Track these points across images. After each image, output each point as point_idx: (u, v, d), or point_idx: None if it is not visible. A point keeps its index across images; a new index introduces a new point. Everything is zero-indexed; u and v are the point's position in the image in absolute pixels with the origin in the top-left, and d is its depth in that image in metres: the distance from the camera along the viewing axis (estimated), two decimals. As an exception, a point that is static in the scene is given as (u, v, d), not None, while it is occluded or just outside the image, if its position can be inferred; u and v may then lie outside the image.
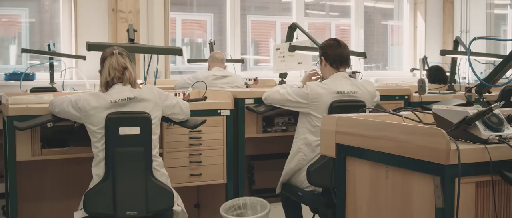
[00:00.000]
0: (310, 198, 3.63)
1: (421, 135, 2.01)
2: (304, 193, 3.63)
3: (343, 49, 3.71)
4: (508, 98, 4.53)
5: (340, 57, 3.69)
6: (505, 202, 2.09)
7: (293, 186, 3.73)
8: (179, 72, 7.36)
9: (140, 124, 3.16)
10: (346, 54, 3.72)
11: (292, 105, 3.74)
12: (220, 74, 5.28)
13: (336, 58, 3.69)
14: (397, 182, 2.15)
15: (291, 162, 3.72)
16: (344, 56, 3.70)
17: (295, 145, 3.72)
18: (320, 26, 8.84)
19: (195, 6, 7.99)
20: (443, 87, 5.76)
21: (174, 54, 4.39)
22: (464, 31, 8.50)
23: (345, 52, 3.71)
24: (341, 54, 3.70)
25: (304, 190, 3.63)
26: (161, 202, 3.21)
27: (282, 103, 3.82)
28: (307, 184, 3.54)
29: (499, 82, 3.64)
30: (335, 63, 3.70)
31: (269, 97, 3.94)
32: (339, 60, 3.70)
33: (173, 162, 3.82)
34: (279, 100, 3.84)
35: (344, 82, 3.66)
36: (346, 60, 3.73)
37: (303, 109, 3.66)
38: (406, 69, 8.56)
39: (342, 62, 3.71)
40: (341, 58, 3.70)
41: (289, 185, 3.77)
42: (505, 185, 2.05)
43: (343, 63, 3.72)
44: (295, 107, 3.72)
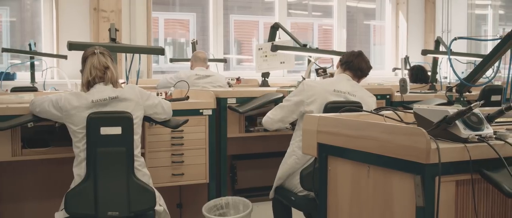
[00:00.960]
0: (303, 203, 3.50)
1: (401, 134, 2.02)
2: (297, 197, 3.52)
3: (357, 59, 3.73)
4: (489, 97, 4.58)
5: (351, 62, 3.71)
6: (485, 201, 2.10)
7: (286, 190, 3.61)
8: (162, 72, 7.33)
9: (122, 124, 3.15)
10: (358, 63, 3.72)
11: (291, 110, 3.57)
12: (203, 74, 5.27)
13: (345, 62, 3.73)
14: (378, 181, 2.16)
15: (284, 164, 3.61)
16: (353, 64, 3.71)
17: (290, 147, 3.60)
18: (302, 26, 8.85)
19: (177, 6, 7.97)
20: (424, 86, 5.81)
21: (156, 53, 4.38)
22: (445, 31, 8.56)
23: (358, 62, 3.72)
24: (353, 61, 3.71)
25: (297, 194, 3.52)
26: (143, 202, 3.20)
27: (286, 115, 3.62)
28: (300, 188, 3.44)
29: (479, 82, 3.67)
30: (343, 66, 3.73)
31: (269, 121, 3.69)
32: (348, 64, 3.71)
33: (155, 162, 3.81)
34: (279, 114, 3.64)
35: (344, 83, 3.60)
36: (355, 69, 3.71)
37: (301, 108, 3.52)
38: (388, 69, 8.61)
39: (350, 68, 3.70)
40: (350, 64, 3.71)
41: (282, 189, 3.65)
42: (485, 184, 2.07)
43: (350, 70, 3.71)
44: (296, 109, 3.56)
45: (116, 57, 4.00)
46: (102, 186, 3.11)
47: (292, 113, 3.58)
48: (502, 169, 1.99)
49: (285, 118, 3.62)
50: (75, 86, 4.84)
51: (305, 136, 2.55)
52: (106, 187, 3.12)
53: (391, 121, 2.51)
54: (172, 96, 4.04)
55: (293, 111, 3.57)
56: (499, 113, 2.22)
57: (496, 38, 3.29)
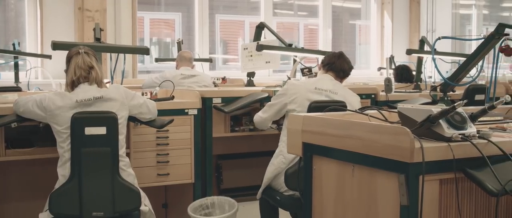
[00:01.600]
0: (289, 203, 3.52)
1: (386, 134, 2.03)
2: (283, 197, 3.53)
3: (339, 60, 3.75)
4: (472, 97, 4.61)
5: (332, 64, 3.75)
6: (468, 199, 2.12)
7: (272, 190, 3.62)
8: (147, 72, 7.31)
9: (107, 124, 3.14)
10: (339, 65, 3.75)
11: (276, 108, 3.66)
12: (188, 74, 5.26)
13: (326, 63, 3.77)
14: (363, 180, 2.17)
15: (271, 165, 3.62)
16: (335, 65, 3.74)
17: (278, 148, 3.63)
18: (288, 26, 8.86)
19: (163, 5, 7.95)
20: (409, 86, 5.84)
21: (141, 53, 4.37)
22: (430, 31, 8.60)
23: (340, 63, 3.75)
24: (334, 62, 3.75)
25: (283, 194, 3.53)
26: (128, 202, 3.19)
27: (274, 114, 3.72)
28: (286, 188, 3.45)
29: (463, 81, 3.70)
30: (325, 67, 3.76)
31: (260, 118, 3.80)
32: (330, 66, 3.75)
33: (140, 162, 3.79)
34: (265, 111, 3.75)
35: (326, 81, 3.65)
36: (337, 70, 3.75)
37: (287, 106, 3.58)
38: (373, 69, 8.63)
39: (331, 69, 3.74)
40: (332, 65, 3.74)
41: (268, 189, 3.66)
42: (468, 182, 2.08)
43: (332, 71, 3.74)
44: (281, 109, 3.63)
45: (101, 57, 3.98)
46: (86, 187, 3.10)
47: (280, 113, 3.66)
48: (485, 167, 2.01)
49: (274, 117, 3.73)
50: (60, 86, 4.81)
51: (290, 136, 2.55)
52: (91, 187, 3.11)
53: (376, 120, 2.52)
54: (157, 96, 4.03)
55: (280, 110, 3.64)
56: (482, 112, 2.24)
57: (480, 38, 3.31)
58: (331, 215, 2.35)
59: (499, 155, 2.07)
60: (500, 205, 2.20)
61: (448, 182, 2.06)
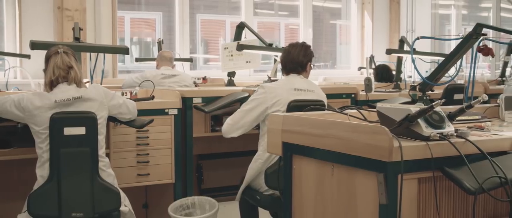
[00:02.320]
0: (269, 202, 3.50)
1: (364, 133, 2.03)
2: (263, 196, 3.51)
3: (292, 55, 3.62)
4: (451, 96, 4.65)
5: (286, 64, 3.65)
6: (446, 197, 2.14)
7: (252, 190, 3.60)
8: (128, 72, 7.27)
9: (86, 124, 3.12)
10: (294, 60, 3.62)
11: (256, 114, 3.50)
12: (169, 73, 5.25)
13: (283, 64, 3.66)
14: (342, 179, 2.18)
15: (251, 169, 3.56)
16: (290, 63, 3.63)
17: (259, 151, 3.56)
18: (269, 25, 8.87)
19: (143, 5, 7.92)
20: (389, 85, 5.87)
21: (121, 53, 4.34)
22: (409, 30, 8.66)
23: (292, 58, 3.62)
24: (287, 61, 3.64)
25: (262, 193, 3.51)
26: (107, 203, 3.17)
27: (245, 120, 3.52)
28: (265, 188, 3.43)
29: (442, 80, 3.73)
30: (284, 69, 3.67)
31: (230, 127, 3.55)
32: (287, 67, 3.65)
33: (120, 162, 3.78)
34: (236, 119, 3.54)
35: (299, 81, 3.60)
36: (295, 67, 3.63)
37: (264, 112, 3.48)
38: (354, 68, 8.67)
39: (290, 69, 3.64)
40: (289, 64, 3.64)
41: (247, 188, 3.63)
42: (446, 181, 2.10)
43: (292, 71, 3.64)
44: (260, 115, 3.50)
45: (80, 56, 3.96)
46: (65, 187, 3.08)
47: (250, 116, 3.51)
48: (463, 166, 2.02)
49: (246, 123, 3.53)
50: (39, 86, 4.77)
51: (270, 135, 2.56)
52: (70, 188, 3.09)
53: (355, 119, 2.53)
54: (137, 96, 4.02)
55: (252, 114, 3.51)
56: (460, 111, 2.26)
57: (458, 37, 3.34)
58: (311, 214, 2.36)
59: (477, 153, 2.09)
60: (478, 203, 2.22)
61: (427, 180, 2.07)
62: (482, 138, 2.25)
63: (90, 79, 4.06)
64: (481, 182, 1.97)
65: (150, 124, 3.60)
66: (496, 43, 3.87)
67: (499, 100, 3.02)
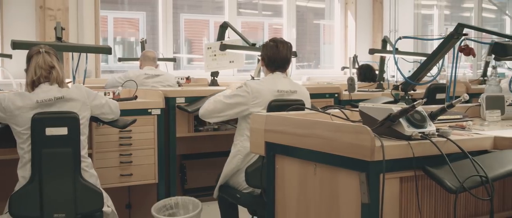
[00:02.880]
0: (249, 200, 3.52)
1: (347, 132, 2.04)
2: (242, 194, 3.53)
3: (279, 52, 3.59)
4: (434, 95, 4.68)
5: (274, 61, 3.61)
6: (428, 196, 2.15)
7: (231, 188, 3.61)
8: (111, 71, 7.24)
9: (68, 124, 3.10)
10: (281, 58, 3.60)
11: (234, 111, 3.55)
12: (152, 73, 5.23)
13: (272, 61, 3.62)
14: (325, 178, 2.19)
15: (230, 163, 3.59)
16: (278, 61, 3.61)
17: (235, 147, 3.59)
18: (253, 25, 8.87)
19: (126, 4, 7.88)
20: (372, 85, 5.90)
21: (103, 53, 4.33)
22: (392, 30, 8.70)
23: (280, 56, 3.60)
24: (275, 59, 3.61)
25: (242, 191, 3.53)
26: (90, 204, 3.15)
27: (222, 114, 3.58)
28: (245, 186, 3.45)
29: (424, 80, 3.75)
30: (269, 67, 3.64)
31: (206, 111, 3.65)
32: (274, 64, 3.62)
33: (103, 163, 3.76)
34: (218, 110, 3.59)
35: (283, 81, 3.60)
36: (283, 64, 3.63)
37: (245, 111, 3.51)
38: (337, 68, 8.70)
39: (276, 66, 3.62)
40: (275, 63, 3.62)
41: (227, 187, 3.65)
42: (428, 180, 2.11)
43: (278, 68, 3.63)
44: (237, 113, 3.55)
45: (62, 56, 3.94)
46: (47, 188, 3.06)
47: (230, 111, 3.56)
48: (444, 165, 2.04)
49: (225, 116, 3.59)
50: (20, 86, 4.73)
51: (252, 135, 2.56)
52: (52, 188, 3.06)
53: (338, 119, 2.54)
54: (120, 96, 4.00)
55: (232, 110, 3.55)
56: (441, 111, 2.28)
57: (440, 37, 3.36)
58: (294, 214, 2.37)
59: (458, 153, 2.10)
60: (459, 202, 2.24)
61: (408, 179, 2.08)
62: (463, 137, 2.27)
63: (72, 79, 4.04)
64: (462, 181, 1.98)
65: (133, 124, 3.59)
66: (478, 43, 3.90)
67: (480, 100, 3.05)
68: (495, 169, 2.07)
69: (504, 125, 2.83)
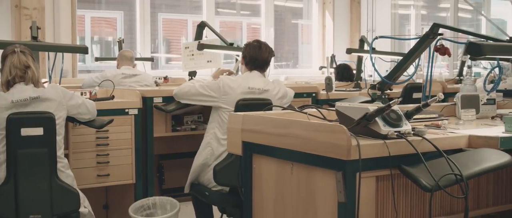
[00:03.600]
0: (217, 198, 3.62)
1: (323, 132, 2.05)
2: (211, 192, 3.62)
3: (261, 53, 3.71)
4: (410, 95, 4.71)
5: (255, 60, 3.71)
6: (404, 195, 2.17)
7: (201, 186, 3.71)
8: (88, 71, 7.19)
9: (44, 124, 3.07)
10: (262, 59, 3.72)
11: (203, 99, 3.72)
12: (129, 73, 5.20)
13: (251, 60, 3.71)
14: (302, 178, 2.19)
15: (199, 157, 3.71)
16: (259, 61, 3.71)
17: (205, 140, 3.71)
18: (231, 25, 8.87)
19: (103, 4, 7.83)
20: (349, 85, 5.92)
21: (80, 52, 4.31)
22: (370, 30, 8.75)
23: (263, 56, 3.71)
24: (256, 58, 3.70)
25: (211, 189, 3.62)
26: (66, 204, 3.13)
27: (193, 97, 3.79)
28: (214, 184, 3.53)
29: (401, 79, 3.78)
30: (249, 65, 3.73)
31: (180, 91, 3.89)
32: (256, 63, 3.71)
33: (79, 163, 3.73)
34: (189, 93, 3.80)
35: (257, 79, 3.68)
36: (262, 65, 3.74)
37: (214, 103, 3.66)
38: (315, 68, 8.72)
39: (256, 66, 3.72)
40: (256, 62, 3.71)
41: (197, 185, 3.75)
42: (404, 178, 2.13)
43: (258, 68, 3.72)
44: (206, 101, 3.71)
45: (38, 56, 3.90)
46: (23, 189, 3.03)
47: (200, 98, 3.73)
48: (420, 164, 2.06)
49: (194, 97, 3.78)
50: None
51: (230, 134, 2.56)
52: (28, 189, 3.03)
53: (315, 118, 2.55)
54: (97, 96, 3.97)
55: (202, 98, 3.72)
56: (417, 110, 2.30)
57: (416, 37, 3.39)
58: (271, 213, 2.37)
59: (433, 151, 2.13)
60: (434, 200, 2.26)
61: (384, 178, 2.10)
62: (438, 136, 2.30)
63: (49, 79, 4.00)
64: (437, 179, 2.00)
65: (110, 124, 3.57)
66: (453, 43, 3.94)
67: (455, 99, 3.09)
68: (469, 168, 2.09)
69: (478, 124, 2.86)
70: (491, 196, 2.47)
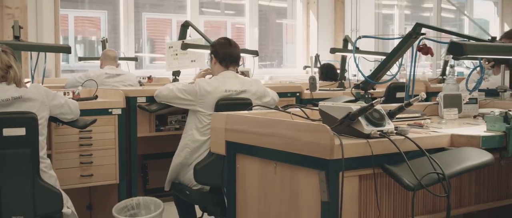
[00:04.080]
0: (198, 197, 3.65)
1: (306, 131, 2.06)
2: (192, 191, 3.65)
3: (233, 48, 3.76)
4: (394, 94, 4.74)
5: (229, 56, 3.75)
6: (387, 194, 2.18)
7: (182, 185, 3.74)
8: (71, 71, 7.15)
9: (26, 125, 3.04)
10: (236, 54, 3.78)
11: (181, 102, 3.75)
12: (113, 73, 5.18)
13: (225, 57, 3.75)
14: (285, 177, 2.20)
15: (177, 157, 3.74)
16: (233, 56, 3.76)
17: (183, 141, 3.73)
18: (215, 24, 8.86)
19: (87, 3, 7.79)
20: (333, 84, 5.94)
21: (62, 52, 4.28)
22: (354, 30, 8.78)
23: (235, 51, 3.77)
24: (230, 54, 3.75)
25: (191, 188, 3.65)
26: (49, 205, 3.10)
27: (172, 101, 3.82)
28: (194, 183, 3.56)
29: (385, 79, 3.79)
30: (224, 62, 3.75)
31: (160, 94, 3.92)
32: (228, 59, 3.75)
33: (62, 163, 3.71)
34: (168, 96, 3.83)
35: (233, 81, 3.71)
36: (235, 60, 3.78)
37: (192, 107, 3.69)
38: (299, 67, 8.74)
39: (231, 61, 3.76)
40: (230, 58, 3.75)
41: (177, 184, 3.78)
42: (386, 177, 2.14)
43: (232, 63, 3.77)
44: (184, 105, 3.74)
45: (20, 55, 3.87)
46: (5, 190, 3.00)
47: (178, 101, 3.77)
48: (402, 163, 2.07)
49: (172, 101, 3.82)
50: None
51: (213, 134, 2.56)
52: (10, 190, 3.01)
53: (298, 118, 2.55)
54: (80, 96, 3.95)
55: (180, 102, 3.75)
56: (400, 109, 2.30)
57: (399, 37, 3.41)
58: (255, 213, 2.37)
59: (416, 150, 2.14)
60: (417, 199, 2.27)
61: (367, 177, 2.11)
62: (421, 135, 2.31)
63: (31, 79, 3.98)
64: (420, 178, 2.01)
65: (93, 124, 3.56)
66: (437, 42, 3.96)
67: (438, 98, 3.10)
68: (451, 166, 2.11)
69: (461, 123, 2.88)
70: (473, 194, 2.49)
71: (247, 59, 5.99)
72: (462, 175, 2.31)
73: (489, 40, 3.12)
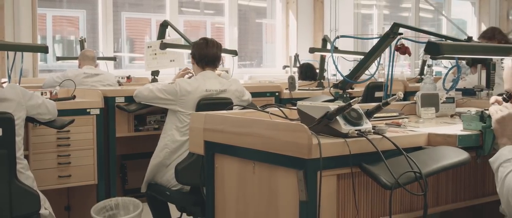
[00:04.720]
0: (178, 197, 3.66)
1: (284, 131, 2.06)
2: (172, 192, 3.65)
3: (210, 49, 3.77)
4: (373, 94, 4.76)
5: (205, 57, 3.77)
6: (365, 193, 2.19)
7: (160, 186, 3.74)
8: (49, 71, 7.10)
9: (2, 125, 3.01)
10: (213, 54, 3.79)
11: (161, 102, 3.75)
12: (91, 73, 5.15)
13: (201, 58, 3.77)
14: (264, 177, 2.20)
15: (156, 158, 3.74)
16: (209, 57, 3.77)
17: (162, 141, 3.74)
18: (195, 24, 8.85)
19: (65, 2, 7.74)
20: (313, 84, 5.96)
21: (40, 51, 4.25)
22: (333, 30, 8.81)
23: (211, 52, 3.78)
24: (206, 55, 3.77)
25: (171, 189, 3.65)
26: (26, 206, 3.08)
27: (151, 100, 3.82)
28: (174, 183, 3.57)
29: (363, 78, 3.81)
30: (200, 63, 3.79)
31: (139, 93, 3.91)
32: (205, 60, 3.77)
33: (40, 164, 3.69)
34: (148, 97, 3.83)
35: (212, 81, 3.74)
36: (213, 61, 3.80)
37: (171, 106, 3.70)
38: (279, 67, 8.76)
39: (208, 62, 3.78)
40: (208, 58, 3.77)
41: (155, 185, 3.78)
42: (364, 177, 2.15)
43: (210, 64, 3.79)
44: (164, 104, 3.74)
45: (-3, 55, 3.84)
46: (-19, 191, 2.97)
47: (158, 101, 3.77)
48: (380, 162, 2.07)
49: (152, 101, 3.82)
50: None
51: (191, 134, 2.55)
52: (-14, 191, 2.98)
53: (277, 117, 2.56)
54: (58, 96, 3.92)
55: (160, 102, 3.76)
56: (377, 109, 2.31)
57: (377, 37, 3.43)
58: (233, 213, 2.37)
59: (393, 149, 2.14)
60: (394, 198, 2.28)
61: (345, 176, 2.11)
62: (398, 134, 2.32)
63: (8, 79, 3.94)
64: (397, 177, 2.02)
65: (71, 124, 3.54)
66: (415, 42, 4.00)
67: (415, 97, 3.12)
68: (428, 165, 2.12)
69: (438, 122, 2.90)
70: (450, 193, 2.51)
71: (227, 59, 6.00)
72: (439, 174, 2.33)
73: (466, 40, 3.15)
